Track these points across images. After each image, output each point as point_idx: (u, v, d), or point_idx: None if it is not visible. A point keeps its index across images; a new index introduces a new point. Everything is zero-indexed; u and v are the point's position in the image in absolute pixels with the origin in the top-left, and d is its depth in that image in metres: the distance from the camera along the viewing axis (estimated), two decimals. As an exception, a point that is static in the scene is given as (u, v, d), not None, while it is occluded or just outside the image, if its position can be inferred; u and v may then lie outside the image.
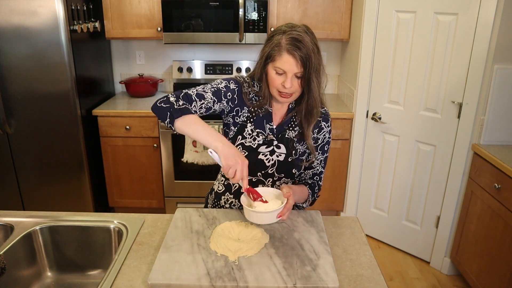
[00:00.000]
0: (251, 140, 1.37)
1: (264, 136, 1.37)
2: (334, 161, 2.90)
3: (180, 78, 3.23)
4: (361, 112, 2.75)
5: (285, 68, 1.24)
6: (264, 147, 1.37)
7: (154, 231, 1.34)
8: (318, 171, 1.47)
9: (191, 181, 2.96)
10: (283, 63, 1.23)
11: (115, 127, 2.83)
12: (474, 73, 2.21)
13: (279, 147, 1.38)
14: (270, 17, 2.87)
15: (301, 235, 1.26)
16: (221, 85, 1.34)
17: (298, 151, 1.39)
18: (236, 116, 1.38)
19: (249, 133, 1.37)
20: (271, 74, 1.28)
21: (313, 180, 1.47)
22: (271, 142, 1.37)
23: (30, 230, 1.34)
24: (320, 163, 1.46)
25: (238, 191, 1.45)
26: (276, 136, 1.38)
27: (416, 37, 2.39)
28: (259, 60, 1.32)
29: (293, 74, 1.24)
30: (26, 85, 2.53)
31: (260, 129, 1.37)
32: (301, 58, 1.21)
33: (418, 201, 2.64)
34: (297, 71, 1.24)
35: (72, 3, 2.52)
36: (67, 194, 2.80)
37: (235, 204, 1.47)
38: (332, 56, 3.29)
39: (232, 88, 1.35)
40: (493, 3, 2.06)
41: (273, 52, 1.25)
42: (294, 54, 1.21)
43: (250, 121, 1.37)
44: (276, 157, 1.38)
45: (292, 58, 1.22)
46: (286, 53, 1.22)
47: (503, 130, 2.23)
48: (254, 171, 1.38)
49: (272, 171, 1.39)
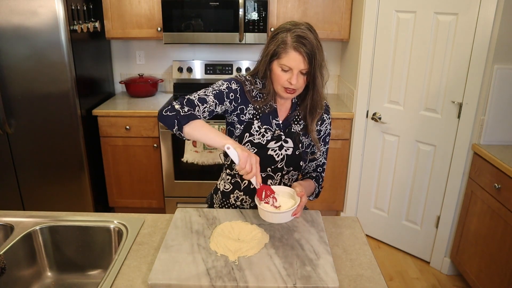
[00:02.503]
0: (259, 136, 1.38)
1: (272, 132, 1.39)
2: (334, 161, 2.90)
3: (180, 78, 3.23)
4: (361, 112, 2.75)
5: (291, 65, 1.26)
6: (273, 143, 1.39)
7: (154, 231, 1.35)
8: (321, 163, 1.52)
9: (191, 181, 2.96)
10: (290, 60, 1.26)
11: (115, 127, 2.83)
12: (474, 73, 2.21)
13: (287, 142, 1.40)
14: (270, 17, 2.87)
15: (301, 235, 1.26)
16: (222, 87, 1.35)
17: (304, 144, 1.43)
18: (241, 114, 1.39)
19: (256, 130, 1.38)
20: (277, 71, 1.30)
21: (317, 172, 1.52)
22: (280, 137, 1.40)
23: (30, 230, 1.34)
24: (322, 154, 1.51)
25: (248, 188, 1.46)
26: (283, 131, 1.41)
27: (416, 37, 2.39)
28: (263, 58, 1.33)
29: (298, 71, 1.27)
30: (26, 85, 2.53)
31: (267, 125, 1.39)
32: (307, 55, 1.24)
33: (418, 201, 2.64)
34: (303, 68, 1.26)
35: (72, 3, 2.52)
36: (67, 194, 2.80)
37: (246, 201, 1.47)
38: (332, 56, 3.29)
39: (234, 88, 1.36)
40: (493, 3, 2.06)
41: (279, 49, 1.27)
42: (301, 51, 1.24)
43: (257, 118, 1.39)
44: (284, 152, 1.40)
45: (299, 55, 1.24)
46: (293, 50, 1.24)
47: (503, 130, 2.23)
48: (264, 167, 1.39)
49: (282, 166, 1.41)
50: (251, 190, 1.45)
